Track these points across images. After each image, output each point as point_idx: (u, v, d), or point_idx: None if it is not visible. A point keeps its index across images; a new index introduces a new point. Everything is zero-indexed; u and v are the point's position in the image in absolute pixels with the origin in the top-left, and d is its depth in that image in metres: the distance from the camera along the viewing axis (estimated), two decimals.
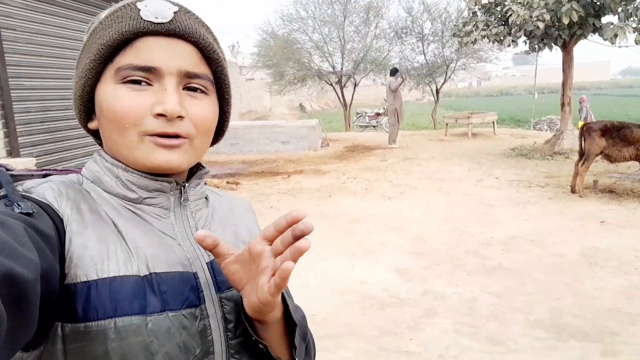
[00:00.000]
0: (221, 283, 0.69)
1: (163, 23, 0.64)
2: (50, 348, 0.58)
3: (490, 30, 10.11)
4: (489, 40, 10.59)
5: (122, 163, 0.67)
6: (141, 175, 0.68)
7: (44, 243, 0.53)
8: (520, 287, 3.96)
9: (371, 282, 4.08)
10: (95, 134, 0.72)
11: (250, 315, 0.65)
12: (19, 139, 4.37)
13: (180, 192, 0.72)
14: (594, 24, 9.17)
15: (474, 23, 10.49)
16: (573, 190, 6.89)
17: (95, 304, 0.58)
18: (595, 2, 8.91)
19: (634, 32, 8.79)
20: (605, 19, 9.39)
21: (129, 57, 0.64)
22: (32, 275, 0.45)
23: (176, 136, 0.66)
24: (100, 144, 0.73)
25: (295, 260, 0.58)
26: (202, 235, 0.60)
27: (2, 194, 0.60)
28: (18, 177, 0.65)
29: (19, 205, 0.55)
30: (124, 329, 0.58)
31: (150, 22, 0.63)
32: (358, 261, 4.55)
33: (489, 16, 10.40)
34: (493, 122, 14.53)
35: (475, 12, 10.65)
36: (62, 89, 5.07)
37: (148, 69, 0.64)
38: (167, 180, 0.69)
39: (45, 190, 0.62)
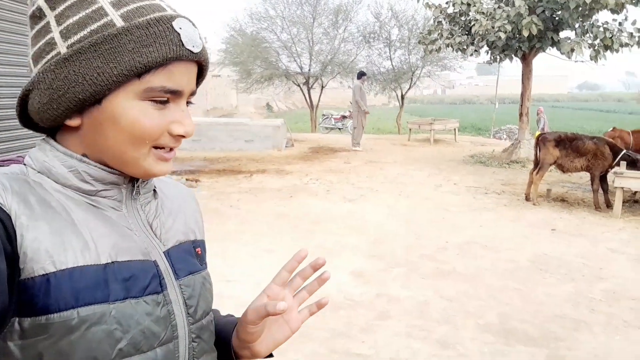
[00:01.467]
0: (179, 270, 0.72)
1: (197, 52, 0.67)
2: (5, 344, 0.57)
3: (454, 39, 10.34)
4: (453, 49, 10.83)
5: (84, 155, 0.67)
6: (100, 168, 0.67)
7: None
8: (472, 292, 4.04)
9: (327, 284, 4.05)
10: (34, 125, 0.70)
11: (253, 356, 0.78)
12: None
13: (133, 186, 0.72)
14: (552, 37, 9.51)
15: (439, 31, 10.70)
16: (527, 198, 7.10)
17: (56, 295, 0.57)
18: (554, 17, 9.23)
19: (590, 47, 9.17)
20: (563, 34, 9.75)
21: (162, 79, 0.64)
22: None
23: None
24: (37, 131, 0.71)
25: (321, 285, 0.79)
26: (282, 307, 0.69)
27: None
28: None
29: None
30: (87, 317, 0.59)
31: (190, 51, 0.66)
32: None
33: (454, 25, 10.64)
34: (455, 129, 14.84)
35: (441, 20, 10.86)
36: (13, 75, 4.84)
37: (175, 92, 0.66)
38: (123, 174, 0.69)
39: None
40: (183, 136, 0.68)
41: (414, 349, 3.15)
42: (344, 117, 21.03)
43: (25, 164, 0.68)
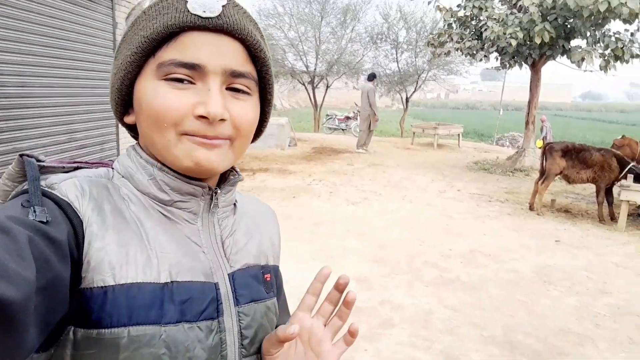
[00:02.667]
0: (240, 296, 0.67)
1: (211, 18, 0.59)
2: (59, 352, 0.56)
3: (464, 43, 10.27)
4: (462, 53, 10.76)
5: (159, 161, 0.64)
6: (176, 177, 0.64)
7: (53, 251, 0.51)
8: (476, 302, 3.99)
9: (330, 289, 4.02)
10: (131, 127, 0.69)
11: None
12: None
13: (211, 198, 0.69)
14: (563, 45, 9.44)
15: (449, 35, 10.63)
16: (531, 208, 7.06)
17: (110, 310, 0.55)
18: (567, 25, 9.17)
19: (600, 57, 9.11)
20: (574, 42, 9.69)
21: (172, 52, 0.59)
22: (20, 295, 0.43)
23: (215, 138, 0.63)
24: (135, 137, 0.70)
25: (350, 309, 0.72)
26: (294, 331, 0.63)
27: (25, 188, 0.58)
28: (48, 169, 0.62)
29: (34, 211, 0.52)
30: (137, 338, 0.56)
31: (198, 16, 0.59)
32: (318, 266, 4.45)
33: (464, 29, 10.56)
34: (459, 135, 14.79)
35: (451, 24, 10.79)
36: (21, 64, 4.80)
37: (192, 66, 0.59)
38: (201, 184, 0.66)
39: (68, 187, 0.59)
40: (207, 118, 0.60)
41: (417, 358, 3.11)
42: (348, 118, 20.98)
43: (112, 168, 0.68)
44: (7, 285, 0.42)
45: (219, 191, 0.69)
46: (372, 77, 12.31)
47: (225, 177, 0.71)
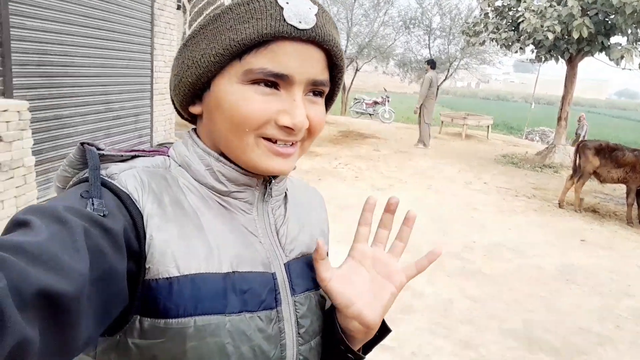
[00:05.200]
0: (296, 286, 0.68)
1: (306, 29, 0.59)
2: (126, 340, 0.57)
3: (499, 34, 10.07)
4: (497, 44, 10.56)
5: (216, 152, 0.66)
6: (233, 168, 0.65)
7: (108, 243, 0.52)
8: (497, 295, 4.02)
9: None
10: (190, 116, 0.70)
11: (366, 328, 0.68)
12: (13, 79, 4.22)
13: (265, 187, 0.70)
14: (602, 42, 9.18)
15: (485, 24, 10.42)
16: (561, 205, 6.98)
17: (176, 301, 0.56)
18: (607, 21, 8.90)
19: None
20: (613, 39, 9.41)
21: (263, 61, 0.59)
22: (72, 287, 0.44)
23: (291, 143, 0.64)
24: (192, 122, 0.71)
25: (411, 227, 0.72)
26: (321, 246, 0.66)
27: (85, 176, 0.59)
28: (107, 158, 0.63)
29: (92, 203, 0.54)
30: (203, 328, 0.57)
31: (294, 27, 0.59)
32: (343, 249, 4.54)
33: (501, 19, 10.34)
34: (488, 126, 14.57)
35: (487, 13, 10.57)
36: (63, 33, 4.92)
37: (282, 76, 0.60)
38: (257, 175, 0.67)
39: (128, 179, 0.60)
40: (291, 129, 0.61)
41: (436, 346, 3.17)
42: (376, 102, 20.83)
43: (169, 156, 0.69)
44: (60, 278, 0.43)
45: (273, 181, 0.69)
46: (433, 65, 10.77)
47: None
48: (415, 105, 10.99)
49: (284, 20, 0.58)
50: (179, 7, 8.00)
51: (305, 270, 0.70)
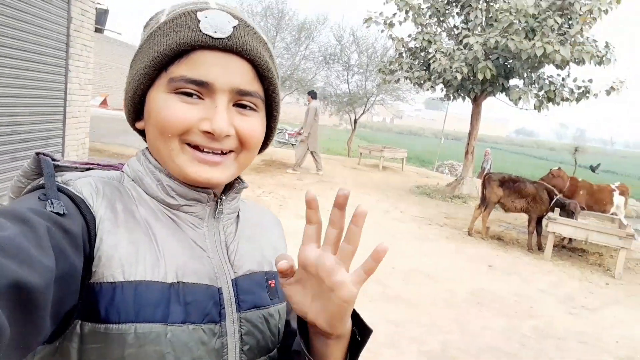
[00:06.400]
0: (242, 302, 0.68)
1: (221, 38, 0.62)
2: (65, 345, 0.57)
3: (412, 72, 10.76)
4: (411, 82, 11.25)
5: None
6: (182, 184, 0.67)
7: (68, 243, 0.53)
8: (415, 319, 4.20)
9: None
10: (142, 133, 0.72)
11: (324, 333, 0.62)
12: None
13: (216, 204, 0.71)
14: (503, 84, 10.14)
15: (399, 63, 11.11)
16: (470, 233, 7.46)
17: (118, 306, 0.56)
18: (507, 65, 9.88)
19: (535, 97, 9.87)
20: (512, 82, 10.43)
21: (183, 69, 0.62)
22: (42, 282, 0.45)
23: (219, 151, 0.65)
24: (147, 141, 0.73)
25: (360, 227, 0.59)
26: (283, 264, 0.61)
27: (41, 183, 0.60)
28: (62, 168, 0.65)
29: (52, 203, 0.54)
30: (143, 335, 0.57)
31: (209, 36, 0.62)
32: None
33: (413, 59, 11.08)
34: (403, 159, 15.31)
35: (402, 53, 11.29)
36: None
37: (201, 83, 0.62)
38: (206, 191, 0.69)
39: (83, 185, 0.61)
40: (211, 134, 0.63)
41: None
42: (299, 133, 21.13)
43: (123, 171, 0.71)
44: (31, 271, 0.43)
45: (223, 198, 0.71)
46: (316, 95, 11.73)
47: (231, 185, 0.74)
48: (303, 134, 11.19)
49: (200, 30, 0.62)
50: (97, 30, 7.74)
51: (253, 287, 0.70)
